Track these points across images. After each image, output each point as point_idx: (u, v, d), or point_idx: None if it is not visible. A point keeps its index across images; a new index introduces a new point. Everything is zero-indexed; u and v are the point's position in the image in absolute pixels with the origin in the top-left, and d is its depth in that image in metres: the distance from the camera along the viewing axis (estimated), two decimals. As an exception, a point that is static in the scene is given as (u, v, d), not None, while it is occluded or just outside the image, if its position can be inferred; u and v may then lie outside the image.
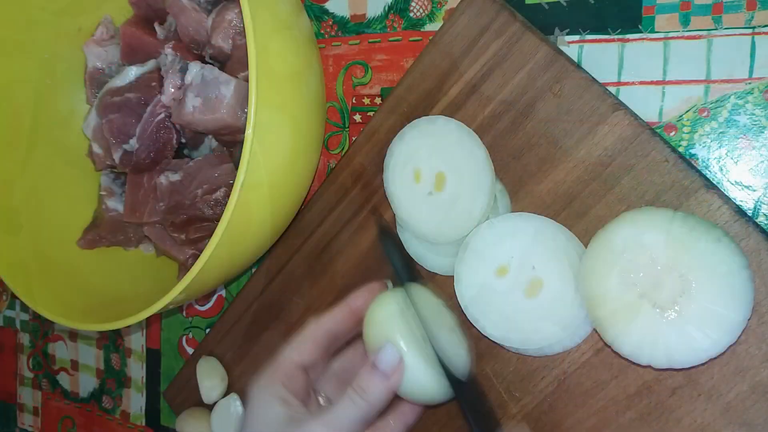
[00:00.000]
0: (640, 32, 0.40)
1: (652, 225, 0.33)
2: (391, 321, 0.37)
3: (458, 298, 0.40)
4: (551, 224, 0.38)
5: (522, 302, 0.38)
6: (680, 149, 0.39)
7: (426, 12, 0.46)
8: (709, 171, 0.39)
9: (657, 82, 0.40)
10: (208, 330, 0.58)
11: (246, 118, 0.38)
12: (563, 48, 0.41)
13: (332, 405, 0.36)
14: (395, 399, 0.39)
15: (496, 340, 0.39)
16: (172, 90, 0.47)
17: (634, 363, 0.35)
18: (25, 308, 0.73)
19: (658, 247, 0.32)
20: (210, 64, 0.47)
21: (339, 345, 0.44)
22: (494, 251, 0.38)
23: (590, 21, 0.41)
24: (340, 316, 0.41)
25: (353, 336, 0.42)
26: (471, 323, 0.39)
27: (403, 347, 0.36)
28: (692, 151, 0.39)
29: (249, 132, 0.36)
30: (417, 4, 0.47)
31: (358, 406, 0.35)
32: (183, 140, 0.50)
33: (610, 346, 0.34)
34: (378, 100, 0.49)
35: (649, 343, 0.32)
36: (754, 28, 0.37)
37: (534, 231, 0.38)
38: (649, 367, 0.35)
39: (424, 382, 0.36)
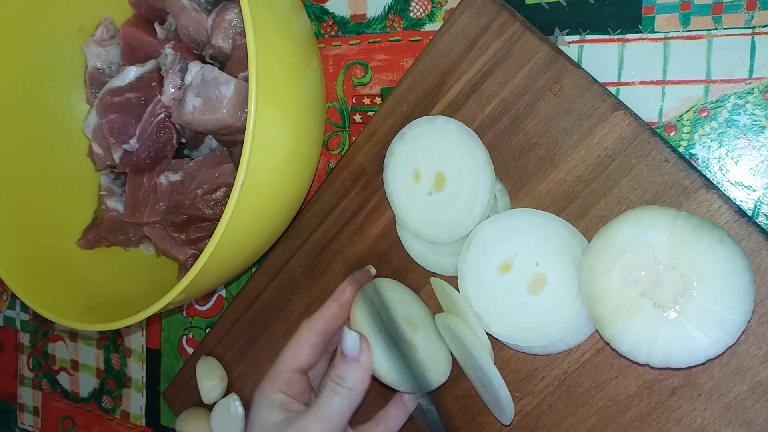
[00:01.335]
0: (640, 32, 0.40)
1: (655, 224, 0.33)
2: (363, 311, 0.38)
3: (462, 296, 0.40)
4: (554, 220, 0.38)
5: (526, 299, 0.38)
6: (680, 149, 0.39)
7: (426, 12, 0.46)
8: (709, 171, 0.39)
9: (657, 82, 0.40)
10: (208, 330, 0.58)
11: (246, 118, 0.38)
12: (563, 48, 0.41)
13: (318, 399, 0.37)
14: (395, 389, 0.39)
15: (500, 339, 0.39)
16: (172, 90, 0.47)
17: (632, 361, 0.35)
18: (25, 308, 0.73)
19: (661, 246, 0.32)
20: (210, 64, 0.47)
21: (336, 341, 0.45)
22: (497, 247, 0.38)
23: (590, 21, 0.41)
24: (329, 313, 0.41)
25: None
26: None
27: (371, 334, 0.38)
28: (692, 151, 0.39)
29: (249, 132, 0.36)
30: (417, 4, 0.47)
31: (340, 394, 0.37)
32: (183, 140, 0.50)
33: (609, 344, 0.34)
34: (378, 100, 0.49)
35: (648, 341, 0.32)
36: (754, 28, 0.37)
37: (537, 227, 0.38)
38: (647, 365, 0.35)
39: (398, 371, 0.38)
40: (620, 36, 0.40)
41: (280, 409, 0.38)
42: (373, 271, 0.45)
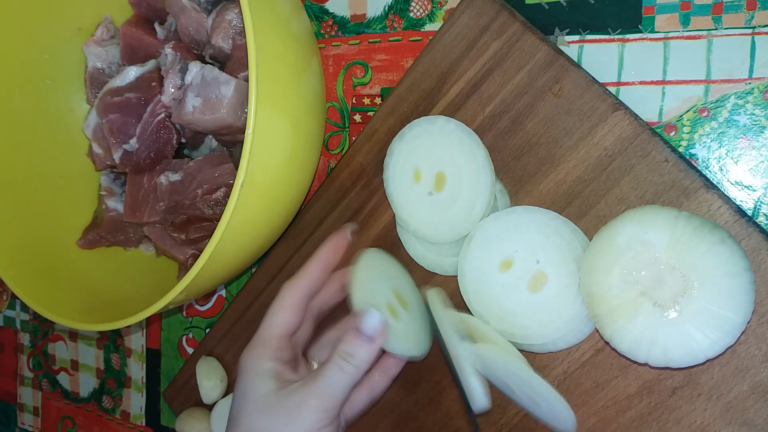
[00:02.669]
0: (640, 32, 0.40)
1: (655, 224, 0.33)
2: (373, 281, 0.38)
3: (462, 294, 0.40)
4: (556, 218, 0.38)
5: (526, 296, 0.38)
6: (680, 149, 0.39)
7: (426, 12, 0.46)
8: (709, 171, 0.39)
9: (657, 82, 0.40)
10: (208, 330, 0.58)
11: (246, 118, 0.38)
12: (563, 48, 0.41)
13: (320, 372, 0.36)
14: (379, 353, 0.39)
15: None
16: (172, 90, 0.47)
17: (632, 361, 0.35)
18: (25, 308, 0.73)
19: (661, 246, 0.32)
20: (210, 64, 0.47)
21: (325, 309, 0.44)
22: (498, 245, 0.38)
23: (590, 21, 0.41)
24: (314, 272, 0.41)
25: (345, 304, 0.42)
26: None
27: (385, 308, 0.37)
28: (692, 151, 0.39)
29: (249, 132, 0.36)
30: (417, 4, 0.47)
31: (346, 371, 0.35)
32: (183, 140, 0.50)
33: (608, 343, 0.34)
34: (378, 100, 0.49)
35: (647, 340, 0.32)
36: (754, 28, 0.37)
37: (539, 224, 0.38)
38: (646, 365, 0.35)
39: (405, 339, 0.37)
40: (620, 36, 0.40)
41: (274, 378, 0.37)
42: (352, 228, 0.45)
